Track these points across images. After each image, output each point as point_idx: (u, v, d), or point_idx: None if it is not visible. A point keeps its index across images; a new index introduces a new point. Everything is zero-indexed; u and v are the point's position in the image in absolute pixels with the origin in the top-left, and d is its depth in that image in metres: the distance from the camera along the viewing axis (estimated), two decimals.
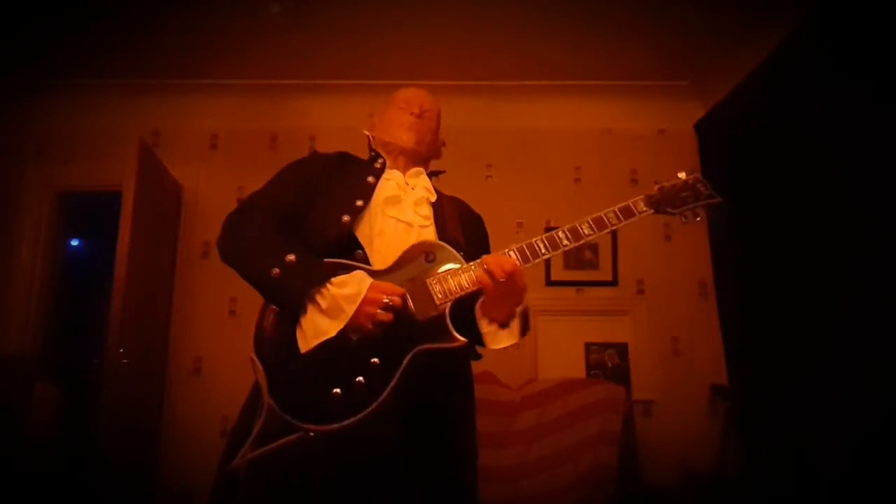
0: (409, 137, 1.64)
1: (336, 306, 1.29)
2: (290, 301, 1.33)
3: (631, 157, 3.86)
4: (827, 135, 2.64)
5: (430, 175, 1.71)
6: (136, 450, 3.27)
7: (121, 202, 3.14)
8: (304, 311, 1.32)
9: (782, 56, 2.89)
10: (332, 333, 1.28)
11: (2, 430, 3.18)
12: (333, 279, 1.32)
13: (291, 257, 1.33)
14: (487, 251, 1.59)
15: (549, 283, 3.67)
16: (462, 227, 1.58)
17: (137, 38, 3.34)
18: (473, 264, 1.39)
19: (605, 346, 3.68)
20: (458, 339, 1.33)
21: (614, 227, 1.44)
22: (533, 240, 1.42)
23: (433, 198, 1.61)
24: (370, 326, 1.29)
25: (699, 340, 3.60)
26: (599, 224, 1.43)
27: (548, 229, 1.41)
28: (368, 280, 1.34)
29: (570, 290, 3.71)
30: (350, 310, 1.28)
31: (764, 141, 3.10)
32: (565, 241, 1.42)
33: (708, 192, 1.50)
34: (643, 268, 3.74)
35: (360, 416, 1.25)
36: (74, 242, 5.27)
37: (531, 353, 3.60)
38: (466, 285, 1.37)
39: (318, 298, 1.31)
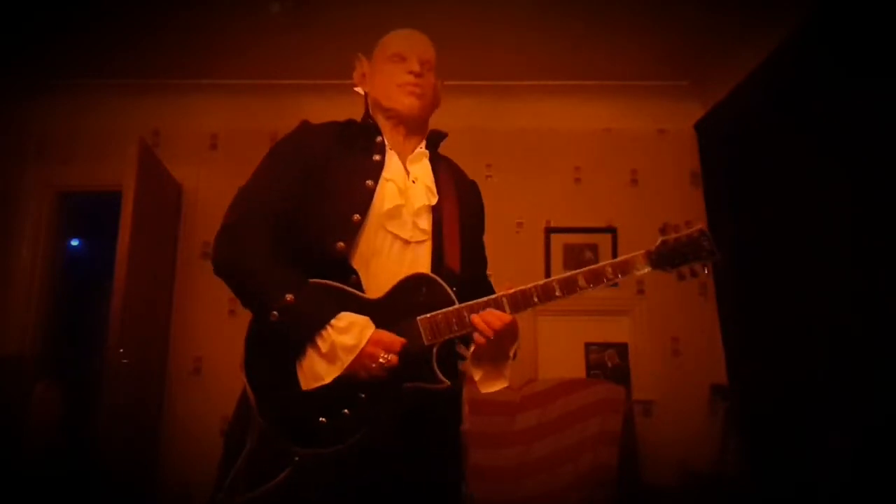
0: (412, 104, 1.52)
1: (334, 354, 1.29)
2: (289, 342, 1.33)
3: (631, 157, 3.86)
4: (827, 135, 2.63)
5: (431, 142, 1.60)
6: (136, 450, 3.27)
7: (121, 202, 3.14)
8: (304, 350, 1.32)
9: (782, 56, 2.89)
10: (328, 380, 1.29)
11: (2, 430, 3.18)
12: (334, 322, 1.30)
13: (290, 297, 1.29)
14: (482, 222, 1.62)
15: None
16: (459, 213, 1.53)
17: (137, 38, 3.34)
18: (465, 306, 1.37)
19: (605, 346, 3.68)
20: (443, 382, 1.34)
21: (611, 282, 1.40)
22: (528, 286, 1.39)
23: (434, 199, 1.50)
24: (365, 377, 1.30)
25: (699, 340, 3.60)
26: (596, 279, 1.39)
27: (548, 229, 1.41)
28: (370, 330, 1.31)
29: None
30: (347, 360, 1.28)
31: (764, 141, 3.10)
32: (558, 293, 1.38)
33: (710, 247, 1.41)
34: None
35: (343, 445, 1.28)
36: (74, 242, 5.27)
37: (531, 353, 3.60)
38: (456, 329, 1.36)
39: (319, 341, 1.30)
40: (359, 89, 1.64)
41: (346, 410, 1.30)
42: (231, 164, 3.77)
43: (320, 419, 1.29)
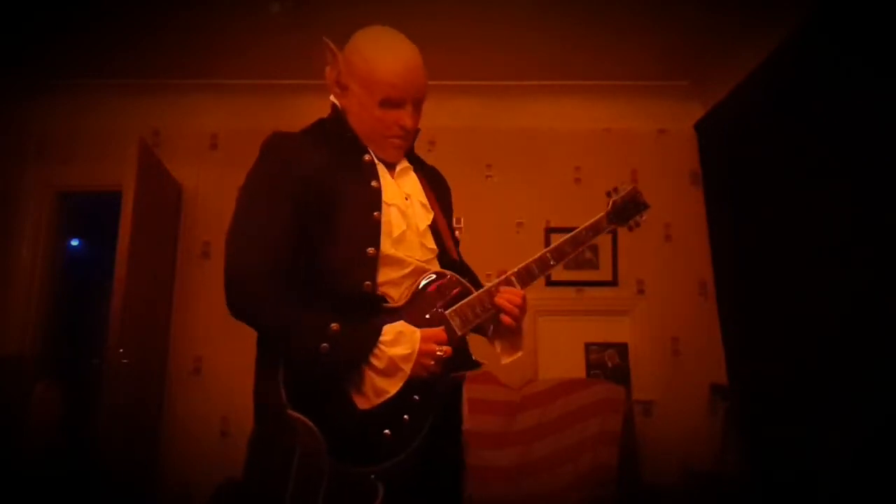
0: (397, 155, 1.51)
1: (393, 366, 1.32)
2: (346, 371, 1.32)
3: (631, 157, 3.85)
4: (827, 135, 2.63)
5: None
6: (136, 450, 3.27)
7: (121, 202, 3.14)
8: (359, 373, 1.32)
9: (782, 56, 2.89)
10: (393, 392, 1.32)
11: (2, 430, 3.18)
12: (383, 338, 1.33)
13: (336, 326, 1.30)
14: (450, 210, 1.65)
15: (549, 283, 3.67)
16: (444, 213, 1.59)
17: (137, 38, 3.34)
18: (482, 291, 1.47)
19: (605, 346, 3.68)
20: (478, 363, 1.46)
21: (588, 242, 1.58)
22: (527, 262, 1.51)
23: (431, 216, 1.52)
24: (425, 377, 1.35)
25: (699, 340, 3.60)
26: (577, 243, 1.56)
27: (548, 229, 1.43)
28: (417, 333, 1.35)
29: (570, 291, 3.71)
30: (408, 368, 1.33)
31: (764, 141, 3.10)
32: (552, 262, 1.53)
33: (643, 200, 1.65)
34: (643, 268, 3.74)
35: (408, 450, 1.33)
36: (74, 242, 5.27)
37: (531, 353, 3.60)
38: (481, 313, 1.46)
39: (374, 360, 1.32)
40: (333, 98, 1.56)
41: (405, 416, 1.34)
42: (231, 164, 3.74)
43: (385, 432, 1.32)
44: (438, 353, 1.35)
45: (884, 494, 2.26)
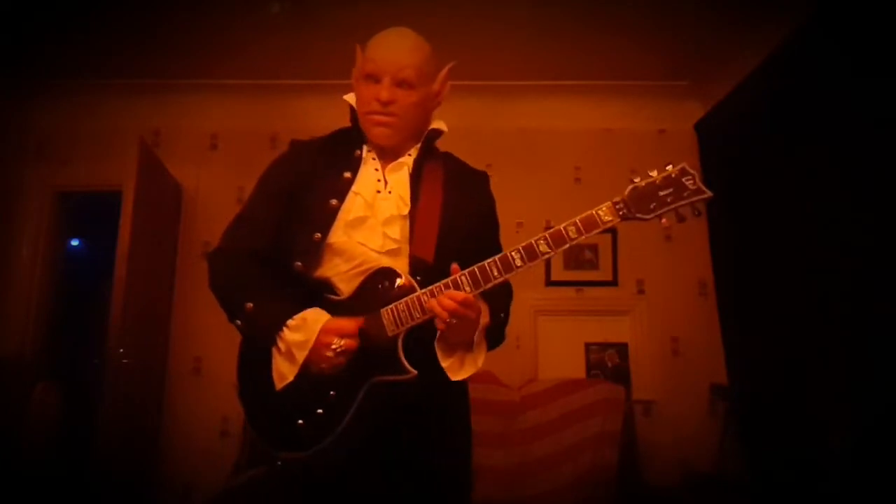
0: (380, 134, 1.48)
1: (289, 352, 1.34)
2: (257, 347, 1.39)
3: (631, 157, 3.84)
4: (827, 135, 2.63)
5: (427, 141, 1.56)
6: (136, 450, 3.27)
7: (121, 202, 3.14)
8: (271, 354, 1.37)
9: (782, 56, 2.89)
10: (290, 378, 1.34)
11: (2, 430, 3.19)
12: (289, 322, 1.34)
13: (249, 305, 1.37)
14: (484, 212, 1.58)
15: (549, 283, 3.67)
16: (442, 211, 1.47)
17: (137, 38, 3.34)
18: (424, 291, 1.34)
19: (605, 346, 3.68)
20: (409, 372, 1.33)
21: (574, 242, 1.33)
22: (486, 262, 1.34)
23: (406, 209, 1.45)
24: (325, 368, 1.33)
25: (699, 340, 3.60)
26: (558, 241, 1.33)
27: (548, 229, 1.39)
28: (321, 322, 1.33)
29: (570, 290, 3.71)
30: (301, 356, 1.32)
31: (764, 141, 3.10)
32: (518, 263, 1.32)
33: (696, 186, 1.30)
34: (643, 268, 3.74)
35: (320, 445, 1.31)
36: (74, 242, 5.27)
37: (531, 353, 3.60)
38: (418, 315, 1.34)
39: (279, 342, 1.35)
40: (348, 97, 1.57)
41: (319, 410, 1.33)
42: (231, 164, 3.77)
43: (298, 422, 1.33)
44: (334, 346, 1.30)
45: (884, 494, 2.26)
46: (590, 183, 3.81)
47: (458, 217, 1.49)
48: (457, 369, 1.37)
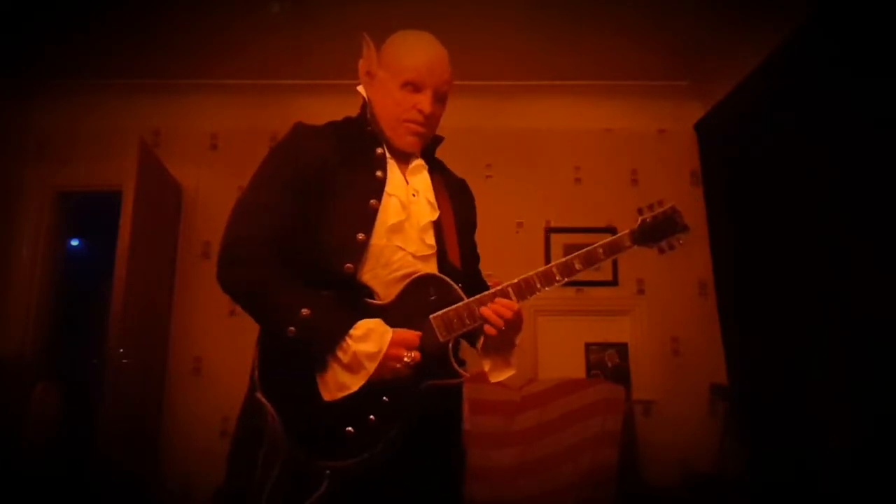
0: (413, 143, 1.49)
1: (357, 363, 1.29)
2: (311, 358, 1.32)
3: (631, 157, 3.86)
4: (826, 135, 2.64)
5: (429, 147, 1.57)
6: (136, 450, 3.27)
7: (121, 202, 3.14)
8: (325, 363, 1.31)
9: (782, 56, 2.89)
10: (355, 389, 1.29)
11: (2, 430, 3.19)
12: (353, 332, 1.30)
13: (306, 312, 1.29)
14: (475, 219, 1.64)
15: None
16: (455, 218, 1.54)
17: (137, 38, 3.34)
18: (473, 300, 1.40)
19: (605, 346, 3.68)
20: (461, 375, 1.38)
21: (602, 262, 1.52)
22: (529, 274, 1.44)
23: (436, 215, 1.49)
24: (391, 379, 1.31)
25: (699, 340, 3.60)
26: (590, 260, 1.49)
27: (548, 229, 1.41)
28: (389, 334, 1.31)
29: (570, 290, 3.71)
30: (371, 367, 1.29)
31: (764, 141, 3.10)
32: (558, 277, 1.45)
33: (682, 221, 1.55)
34: (643, 268, 3.74)
35: (372, 452, 1.29)
36: (74, 242, 5.27)
37: (531, 353, 3.60)
38: (468, 322, 1.40)
39: (339, 353, 1.30)
40: (361, 89, 1.55)
41: (371, 417, 1.31)
42: (231, 164, 3.77)
43: (347, 429, 1.30)
44: (405, 358, 1.30)
45: (884, 494, 2.26)
46: (590, 183, 3.81)
47: (465, 223, 1.57)
48: (499, 371, 1.47)
